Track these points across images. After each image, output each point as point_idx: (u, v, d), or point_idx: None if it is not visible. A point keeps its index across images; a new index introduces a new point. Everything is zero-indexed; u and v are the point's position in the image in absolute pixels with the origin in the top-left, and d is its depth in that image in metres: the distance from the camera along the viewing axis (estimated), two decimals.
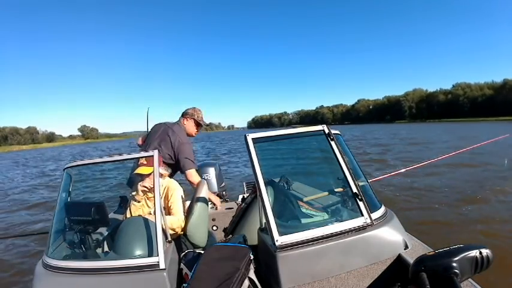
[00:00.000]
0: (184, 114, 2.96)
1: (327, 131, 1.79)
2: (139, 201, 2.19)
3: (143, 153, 1.92)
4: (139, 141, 3.05)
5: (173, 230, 2.08)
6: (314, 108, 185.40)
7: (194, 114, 2.95)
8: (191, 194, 2.44)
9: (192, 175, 2.64)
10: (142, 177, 2.14)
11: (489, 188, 6.39)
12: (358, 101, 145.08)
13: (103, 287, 1.51)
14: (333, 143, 1.76)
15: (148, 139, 2.83)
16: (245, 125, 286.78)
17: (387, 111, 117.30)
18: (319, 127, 1.82)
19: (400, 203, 5.84)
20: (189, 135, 2.93)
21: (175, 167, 2.73)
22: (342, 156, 1.73)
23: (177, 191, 2.24)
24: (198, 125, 3.00)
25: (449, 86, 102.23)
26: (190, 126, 2.95)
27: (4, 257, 4.73)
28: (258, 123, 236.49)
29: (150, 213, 2.13)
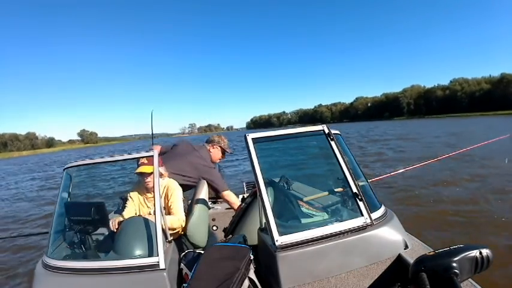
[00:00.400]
0: (210, 142, 3.08)
1: (326, 131, 1.79)
2: (138, 200, 2.20)
3: (143, 153, 1.91)
4: (156, 149, 3.09)
5: (173, 229, 2.08)
6: (312, 107, 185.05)
7: (221, 142, 3.08)
8: (191, 195, 2.44)
9: (230, 195, 2.79)
10: (144, 176, 2.13)
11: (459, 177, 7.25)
12: (356, 98, 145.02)
13: (103, 287, 1.51)
14: (332, 143, 1.76)
15: (171, 153, 2.89)
16: (244, 125, 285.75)
17: (386, 108, 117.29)
18: (319, 127, 1.82)
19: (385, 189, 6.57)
20: (212, 161, 3.04)
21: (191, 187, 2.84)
22: (342, 156, 1.73)
23: (177, 191, 2.24)
24: (223, 152, 3.13)
25: (446, 82, 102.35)
26: (216, 153, 3.08)
27: (4, 257, 4.74)
28: (256, 124, 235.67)
29: (150, 214, 2.13)
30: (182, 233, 2.18)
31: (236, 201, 2.79)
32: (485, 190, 6.00)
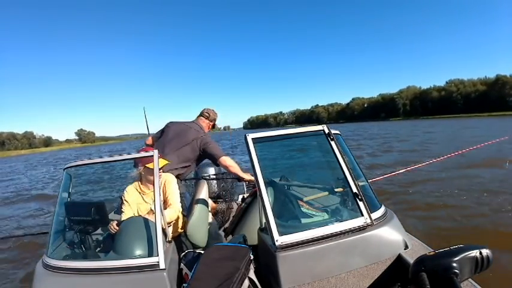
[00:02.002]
0: (211, 120, 3.04)
1: (327, 131, 1.80)
2: (135, 199, 2.19)
3: (143, 153, 1.91)
4: (149, 141, 3.08)
5: (171, 222, 2.07)
6: (309, 107, 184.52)
7: (216, 120, 3.08)
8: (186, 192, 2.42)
9: (226, 160, 2.76)
10: (148, 171, 2.10)
11: None
12: (352, 99, 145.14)
13: (103, 287, 1.50)
14: (333, 143, 1.77)
15: (165, 138, 2.85)
16: (241, 125, 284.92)
17: (382, 109, 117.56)
18: (319, 127, 1.83)
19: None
20: None
21: (195, 166, 2.85)
22: (342, 156, 1.74)
23: (173, 184, 2.24)
24: (213, 127, 3.13)
25: (442, 83, 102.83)
26: (208, 128, 3.06)
27: (4, 257, 4.70)
28: (253, 124, 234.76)
29: (151, 210, 2.12)
30: (182, 231, 2.18)
31: (234, 164, 2.74)
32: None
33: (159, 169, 1.99)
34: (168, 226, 1.88)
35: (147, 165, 2.08)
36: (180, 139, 2.74)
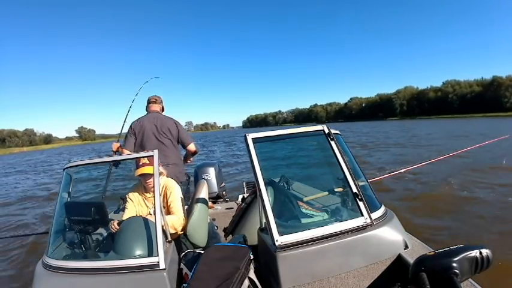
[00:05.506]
0: (161, 102, 3.13)
1: (327, 131, 1.80)
2: (137, 201, 2.18)
3: (143, 153, 1.90)
4: (115, 148, 3.02)
5: (174, 229, 2.07)
6: (308, 106, 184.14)
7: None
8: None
9: (194, 146, 3.06)
10: (145, 177, 2.11)
11: None
12: (351, 99, 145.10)
13: (103, 287, 1.50)
14: (333, 143, 1.77)
15: (144, 135, 2.88)
16: (240, 124, 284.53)
17: (379, 109, 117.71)
18: (319, 127, 1.83)
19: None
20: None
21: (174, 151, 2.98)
22: (342, 156, 1.74)
23: (176, 190, 2.22)
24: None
25: (439, 83, 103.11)
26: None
27: (4, 257, 4.68)
28: (253, 123, 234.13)
29: (150, 214, 2.12)
30: (182, 233, 2.18)
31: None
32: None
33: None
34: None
35: (139, 173, 2.07)
36: (160, 132, 2.88)
